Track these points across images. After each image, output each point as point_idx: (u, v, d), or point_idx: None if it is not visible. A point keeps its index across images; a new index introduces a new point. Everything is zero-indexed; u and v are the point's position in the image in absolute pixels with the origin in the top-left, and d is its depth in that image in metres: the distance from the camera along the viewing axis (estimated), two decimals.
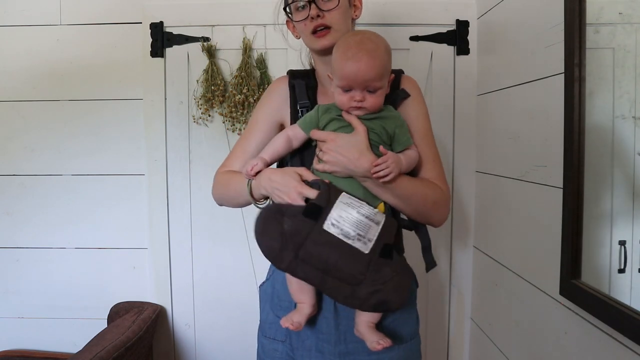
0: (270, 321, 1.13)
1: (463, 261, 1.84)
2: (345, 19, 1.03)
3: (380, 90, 0.94)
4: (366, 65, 0.91)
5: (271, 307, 1.13)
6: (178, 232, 1.84)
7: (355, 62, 0.91)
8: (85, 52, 1.81)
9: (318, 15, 1.01)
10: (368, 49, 0.92)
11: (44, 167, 1.84)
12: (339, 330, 1.04)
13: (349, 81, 0.92)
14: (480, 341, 1.76)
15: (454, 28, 1.77)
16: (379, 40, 0.96)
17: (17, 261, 1.87)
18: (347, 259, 0.88)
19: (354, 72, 0.91)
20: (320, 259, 0.88)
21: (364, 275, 0.88)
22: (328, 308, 1.04)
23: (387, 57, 0.94)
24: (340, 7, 1.01)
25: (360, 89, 0.93)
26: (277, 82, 1.13)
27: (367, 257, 0.89)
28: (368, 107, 0.94)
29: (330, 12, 1.01)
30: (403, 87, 1.07)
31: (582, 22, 1.07)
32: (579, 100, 1.08)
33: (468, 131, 1.79)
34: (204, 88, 1.75)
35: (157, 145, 1.81)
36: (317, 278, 0.90)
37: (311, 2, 1.01)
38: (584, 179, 1.08)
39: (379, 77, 0.92)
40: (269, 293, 1.14)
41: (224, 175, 1.11)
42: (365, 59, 0.91)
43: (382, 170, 0.91)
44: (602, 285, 1.03)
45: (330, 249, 0.88)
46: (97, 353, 1.39)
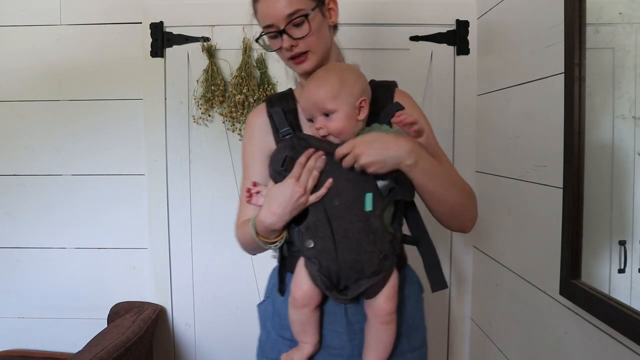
0: (272, 340, 1.08)
1: (463, 261, 1.84)
2: (320, 38, 1.00)
3: (336, 113, 0.92)
4: (314, 90, 0.93)
5: (272, 326, 1.08)
6: (178, 232, 1.84)
7: (305, 91, 0.95)
8: (85, 52, 1.81)
9: (292, 45, 0.98)
10: (318, 76, 0.95)
11: (44, 167, 1.85)
12: (352, 344, 1.00)
13: (307, 111, 0.96)
14: (480, 341, 1.76)
15: (454, 28, 1.77)
16: (333, 67, 0.99)
17: (17, 261, 1.87)
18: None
19: (305, 98, 0.95)
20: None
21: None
22: (339, 322, 1.00)
23: (336, 80, 0.93)
24: (312, 32, 0.97)
25: (318, 115, 0.93)
26: (254, 115, 1.09)
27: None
28: (333, 134, 0.93)
29: (304, 38, 0.98)
30: (397, 100, 1.04)
31: (582, 22, 1.07)
32: (579, 100, 1.08)
33: (468, 131, 1.79)
34: (204, 88, 1.75)
35: (157, 145, 1.81)
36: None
37: (282, 32, 0.98)
38: (584, 179, 1.08)
39: (328, 99, 0.91)
40: (269, 312, 1.10)
41: (240, 227, 1.06)
42: (314, 85, 0.94)
43: (407, 117, 0.88)
44: (602, 285, 1.03)
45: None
46: (97, 353, 1.39)
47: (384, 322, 0.96)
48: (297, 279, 0.97)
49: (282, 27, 0.97)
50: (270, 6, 0.97)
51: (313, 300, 0.96)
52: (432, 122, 1.82)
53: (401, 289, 1.01)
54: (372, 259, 0.90)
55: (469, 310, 1.85)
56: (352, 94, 0.93)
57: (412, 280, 1.09)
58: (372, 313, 0.96)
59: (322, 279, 0.92)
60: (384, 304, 0.94)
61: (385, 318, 0.95)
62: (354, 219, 0.90)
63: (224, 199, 1.81)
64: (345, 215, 0.90)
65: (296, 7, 0.95)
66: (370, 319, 0.97)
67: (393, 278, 0.95)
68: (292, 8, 0.95)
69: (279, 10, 0.96)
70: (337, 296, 0.93)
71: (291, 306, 0.98)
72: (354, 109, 0.93)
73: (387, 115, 0.99)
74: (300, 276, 0.96)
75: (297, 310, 0.97)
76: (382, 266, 0.92)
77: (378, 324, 0.96)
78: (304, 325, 0.98)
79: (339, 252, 0.90)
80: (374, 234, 0.90)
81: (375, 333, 0.97)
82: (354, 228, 0.90)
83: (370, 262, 0.90)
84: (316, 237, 0.91)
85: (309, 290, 0.95)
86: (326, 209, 0.91)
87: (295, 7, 0.95)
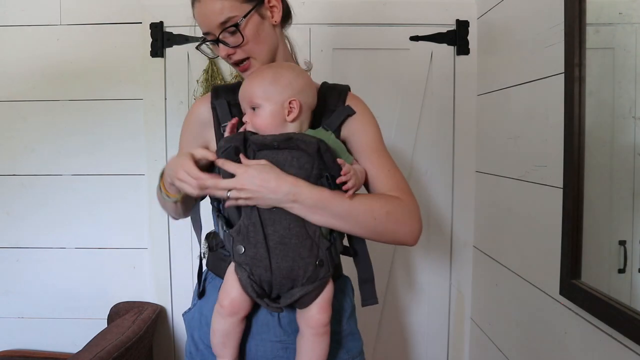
0: (202, 352, 1.02)
1: (463, 261, 1.84)
2: (261, 42, 0.97)
3: (261, 109, 0.90)
4: (247, 83, 0.92)
5: (200, 336, 1.02)
6: (178, 232, 1.84)
7: (243, 83, 0.94)
8: (85, 51, 1.81)
9: (229, 55, 0.96)
10: (256, 71, 0.95)
11: (44, 167, 1.84)
12: (287, 354, 0.96)
13: (240, 102, 0.94)
14: (480, 341, 1.76)
15: (454, 28, 1.77)
16: (274, 65, 0.97)
17: (17, 261, 1.87)
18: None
19: (240, 90, 0.94)
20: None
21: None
22: (273, 331, 0.97)
23: (269, 76, 0.91)
24: (247, 40, 0.94)
25: (247, 108, 0.92)
26: (197, 105, 1.05)
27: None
28: (256, 129, 0.91)
29: (238, 47, 0.95)
30: (348, 104, 1.00)
31: (582, 22, 1.07)
32: (579, 100, 1.08)
33: (468, 131, 1.79)
34: (204, 88, 1.75)
35: (157, 145, 1.81)
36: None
37: (217, 42, 0.95)
38: (584, 179, 1.08)
39: (255, 93, 0.90)
40: (196, 320, 1.04)
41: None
42: (248, 78, 0.94)
43: (348, 180, 0.86)
44: (602, 285, 1.03)
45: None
46: (97, 353, 1.39)
47: (317, 333, 0.91)
48: (226, 286, 0.92)
49: (217, 35, 0.94)
50: (202, 14, 0.94)
51: (242, 309, 0.92)
52: (432, 122, 1.84)
53: (337, 299, 0.98)
54: (307, 265, 0.87)
55: (469, 310, 1.85)
56: (281, 93, 0.90)
57: (348, 289, 1.06)
58: (305, 324, 0.92)
59: (253, 286, 0.87)
60: (318, 314, 0.90)
61: (319, 330, 0.91)
62: (292, 224, 0.87)
63: None
64: (283, 220, 0.87)
65: (227, 15, 0.92)
66: (303, 331, 0.93)
67: (328, 288, 0.91)
68: (224, 16, 0.92)
69: (210, 19, 0.93)
70: (270, 304, 0.89)
71: (217, 314, 0.93)
72: (282, 108, 0.90)
73: (336, 119, 0.97)
74: (230, 282, 0.90)
75: (223, 320, 0.92)
76: (317, 274, 0.88)
77: (311, 336, 0.92)
78: (226, 336, 0.92)
79: (272, 259, 0.86)
80: (311, 239, 0.88)
81: (309, 345, 0.92)
82: (291, 233, 0.87)
83: (305, 269, 0.87)
84: (248, 243, 0.87)
85: (238, 298, 0.90)
86: (260, 214, 0.87)
87: (227, 15, 0.92)
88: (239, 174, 0.86)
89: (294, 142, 0.88)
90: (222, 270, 0.96)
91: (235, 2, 0.92)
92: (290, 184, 0.86)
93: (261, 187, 0.85)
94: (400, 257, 1.86)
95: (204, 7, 0.93)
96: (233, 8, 0.92)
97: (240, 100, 0.94)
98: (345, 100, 1.00)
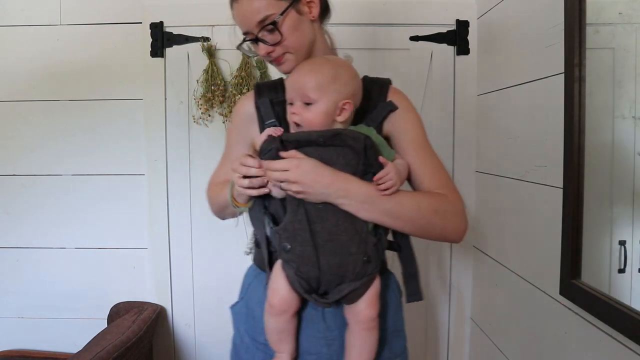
0: (246, 344, 1.04)
1: (463, 261, 1.84)
2: (298, 38, 0.96)
3: (315, 105, 0.89)
4: (303, 73, 0.91)
5: (246, 329, 1.04)
6: (178, 232, 1.84)
7: (295, 72, 0.94)
8: (85, 51, 1.81)
9: (268, 53, 0.96)
10: (312, 62, 0.94)
11: (44, 167, 1.84)
12: (330, 350, 0.97)
13: (289, 92, 0.93)
14: (480, 341, 1.76)
15: (454, 28, 1.77)
16: (334, 59, 0.95)
17: (17, 261, 1.87)
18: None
19: (291, 80, 0.93)
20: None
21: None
22: (317, 327, 0.97)
23: (330, 72, 0.90)
24: (285, 37, 0.94)
25: (298, 101, 0.90)
26: (241, 103, 1.06)
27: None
28: (305, 124, 0.90)
29: (277, 44, 0.95)
30: (390, 99, 1.00)
31: (582, 22, 1.07)
32: (579, 100, 1.08)
33: (468, 131, 1.79)
34: (204, 88, 1.75)
35: (157, 145, 1.81)
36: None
37: (256, 40, 0.96)
38: (584, 179, 1.08)
39: (313, 88, 0.88)
40: (243, 313, 1.06)
41: (217, 185, 1.07)
42: (304, 68, 0.92)
43: (386, 182, 0.87)
44: (602, 285, 1.03)
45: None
46: (97, 353, 1.39)
47: (366, 328, 0.92)
48: (273, 284, 0.92)
49: (256, 34, 0.95)
50: (241, 14, 0.95)
51: (291, 306, 0.92)
52: (432, 122, 1.84)
53: (382, 294, 0.98)
54: (356, 261, 0.87)
55: (469, 310, 1.85)
56: (339, 92, 0.90)
57: (393, 285, 1.06)
58: (354, 319, 0.93)
59: (300, 282, 0.88)
60: (366, 309, 0.91)
61: (368, 324, 0.92)
62: (340, 220, 0.87)
63: None
64: (331, 217, 0.87)
65: (265, 14, 0.92)
66: (351, 326, 0.94)
67: (375, 283, 0.92)
68: (262, 15, 0.92)
69: (248, 18, 0.94)
70: (318, 299, 0.89)
71: (268, 314, 0.94)
72: (335, 108, 0.90)
73: (378, 115, 0.97)
74: (278, 280, 0.91)
75: (275, 318, 0.93)
76: (365, 269, 0.88)
77: (360, 331, 0.93)
78: (281, 333, 0.94)
79: (320, 256, 0.86)
80: (359, 235, 0.88)
81: (358, 340, 0.93)
82: (339, 230, 0.87)
83: (354, 265, 0.87)
84: (294, 240, 0.87)
85: (286, 295, 0.91)
86: (307, 212, 0.87)
87: (265, 14, 0.92)
88: (292, 168, 0.86)
89: (342, 138, 0.88)
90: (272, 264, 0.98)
91: (271, 0, 0.92)
92: (343, 180, 0.87)
93: (315, 182, 0.85)
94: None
95: (242, 7, 0.94)
96: (270, 6, 0.92)
97: (289, 90, 0.93)
98: (387, 95, 1.00)
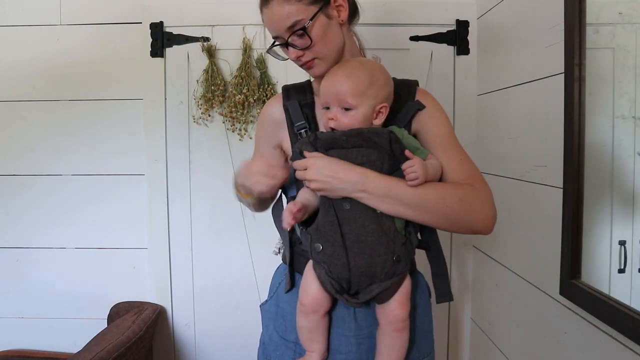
0: (275, 342, 1.04)
1: (463, 261, 1.84)
2: (328, 43, 0.96)
3: (354, 111, 0.89)
4: (340, 79, 0.90)
5: (275, 327, 1.05)
6: (178, 232, 1.84)
7: (331, 76, 0.92)
8: (85, 52, 1.81)
9: (298, 57, 0.96)
10: (348, 66, 0.93)
11: (44, 167, 1.84)
12: (360, 349, 0.97)
13: (325, 97, 0.91)
14: (480, 341, 1.76)
15: (454, 28, 1.77)
16: (367, 63, 0.94)
17: (17, 261, 1.87)
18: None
19: (328, 85, 0.91)
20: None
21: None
22: (348, 326, 0.98)
23: (367, 76, 0.90)
24: (315, 42, 0.94)
25: (335, 106, 0.90)
26: (270, 105, 1.06)
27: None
28: (341, 129, 0.90)
29: (307, 49, 0.95)
30: (417, 99, 1.02)
31: (582, 22, 1.07)
32: (579, 100, 1.08)
33: (468, 131, 1.79)
34: (204, 88, 1.75)
35: (157, 145, 1.81)
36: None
37: (286, 45, 0.96)
38: (584, 179, 1.08)
39: (352, 94, 0.88)
40: (272, 312, 1.07)
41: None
42: (340, 73, 0.91)
43: (412, 172, 0.86)
44: (602, 285, 1.03)
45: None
46: (97, 353, 1.39)
47: (397, 329, 0.93)
48: (305, 284, 0.94)
49: (286, 39, 0.95)
50: (271, 19, 0.95)
51: (322, 306, 0.93)
52: None
53: (412, 294, 0.98)
54: (385, 261, 0.88)
55: (469, 310, 1.85)
56: (376, 97, 0.90)
57: (422, 285, 1.06)
58: (385, 319, 0.94)
59: (332, 282, 0.89)
60: (397, 310, 0.92)
61: (399, 325, 0.93)
62: (367, 221, 0.88)
63: (224, 198, 1.80)
64: (358, 219, 0.88)
65: (295, 19, 0.92)
66: (382, 326, 0.95)
67: (406, 283, 0.93)
68: (292, 20, 0.92)
69: (278, 23, 0.94)
70: (349, 299, 0.90)
71: (299, 313, 0.95)
72: (373, 112, 0.91)
73: (406, 114, 0.98)
74: (309, 280, 0.93)
75: (306, 317, 0.94)
76: (395, 269, 0.89)
77: (391, 331, 0.94)
78: (312, 332, 0.95)
79: (350, 257, 0.87)
80: (387, 235, 0.88)
81: (388, 340, 0.94)
82: (367, 231, 0.87)
83: (383, 265, 0.88)
84: (325, 241, 0.89)
85: (317, 295, 0.92)
86: (337, 213, 0.89)
87: (294, 19, 0.92)
88: (309, 166, 0.89)
89: (364, 136, 0.88)
90: (300, 265, 0.99)
91: (301, 6, 0.92)
92: (358, 174, 0.87)
93: (329, 177, 0.87)
94: None
95: (272, 12, 0.94)
96: (299, 12, 0.92)
97: (325, 95, 0.92)
98: (415, 95, 1.02)
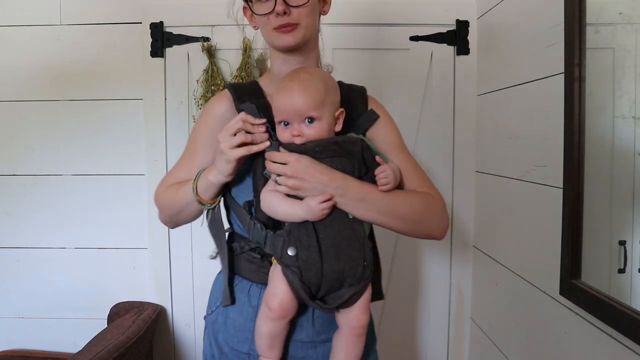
0: (226, 355, 1.00)
1: (463, 261, 1.84)
2: (313, 16, 0.95)
3: (318, 122, 0.88)
4: (298, 93, 0.87)
5: (225, 339, 1.00)
6: (178, 232, 1.82)
7: (286, 92, 0.88)
8: (85, 51, 1.81)
9: (285, 11, 0.90)
10: (301, 79, 0.89)
11: (44, 167, 1.84)
12: (317, 352, 0.97)
13: (284, 114, 0.88)
14: (480, 341, 1.76)
15: (454, 28, 1.77)
16: (315, 71, 0.93)
17: (17, 261, 1.87)
18: None
19: (285, 101, 0.88)
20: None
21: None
22: (306, 332, 0.96)
23: (322, 86, 0.88)
24: (309, 3, 0.91)
25: (297, 121, 0.88)
26: (217, 104, 1.00)
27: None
28: (309, 140, 0.89)
29: (299, 8, 0.91)
30: (371, 107, 1.03)
31: (582, 22, 1.07)
32: (579, 100, 1.08)
33: (468, 131, 1.79)
34: (204, 88, 1.75)
35: (157, 145, 1.81)
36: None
37: None
38: (584, 179, 1.08)
39: (313, 107, 0.86)
40: (220, 323, 1.01)
41: (172, 186, 1.00)
42: (296, 87, 0.87)
43: (384, 177, 0.89)
44: (602, 285, 1.03)
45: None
46: (97, 353, 1.39)
47: (357, 334, 0.92)
48: (274, 289, 0.90)
49: None
50: None
51: (291, 311, 0.91)
52: (432, 122, 1.84)
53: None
54: (357, 267, 0.88)
55: (469, 310, 1.85)
56: (333, 103, 0.90)
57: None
58: (347, 324, 0.92)
59: (305, 288, 0.87)
60: (361, 314, 0.91)
61: (360, 330, 0.92)
62: (342, 226, 0.88)
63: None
64: (334, 224, 0.88)
65: None
66: (343, 330, 0.93)
67: (369, 289, 0.92)
68: None
69: None
70: (322, 306, 0.89)
71: (265, 318, 0.92)
72: (334, 119, 0.90)
73: (364, 123, 0.99)
74: (278, 285, 0.89)
75: (272, 322, 0.91)
76: (363, 274, 0.89)
77: (351, 336, 0.93)
78: (274, 339, 0.92)
79: (324, 262, 0.86)
80: (359, 240, 0.89)
81: (347, 345, 0.93)
82: (342, 236, 0.88)
83: (355, 271, 0.87)
84: (300, 245, 0.87)
85: (287, 301, 0.89)
86: None
87: None
88: (291, 162, 0.86)
89: (340, 145, 0.89)
90: (252, 273, 0.98)
91: None
92: (340, 178, 0.88)
93: (313, 178, 0.86)
94: (400, 257, 1.86)
95: None
96: None
97: (282, 112, 0.88)
98: (367, 102, 1.03)
